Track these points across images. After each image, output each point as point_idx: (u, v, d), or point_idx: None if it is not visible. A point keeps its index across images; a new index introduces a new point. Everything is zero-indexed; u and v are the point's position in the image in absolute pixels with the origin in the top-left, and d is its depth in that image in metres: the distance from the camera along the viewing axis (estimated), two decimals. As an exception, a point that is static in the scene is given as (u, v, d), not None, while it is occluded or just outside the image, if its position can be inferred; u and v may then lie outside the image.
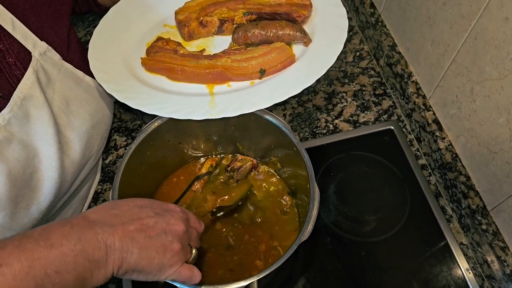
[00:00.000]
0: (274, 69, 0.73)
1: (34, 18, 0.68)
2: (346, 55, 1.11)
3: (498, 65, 0.69)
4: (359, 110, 1.02)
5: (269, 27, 0.77)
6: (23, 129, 0.64)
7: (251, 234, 0.79)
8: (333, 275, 0.82)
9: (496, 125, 0.73)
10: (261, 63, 0.73)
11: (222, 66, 0.73)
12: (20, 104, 0.64)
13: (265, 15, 0.80)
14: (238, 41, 0.78)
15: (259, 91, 0.72)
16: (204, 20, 0.80)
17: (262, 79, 0.74)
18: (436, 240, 0.85)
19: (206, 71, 0.73)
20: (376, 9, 1.08)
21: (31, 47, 0.67)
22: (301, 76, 0.72)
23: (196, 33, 0.81)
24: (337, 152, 0.96)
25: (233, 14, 0.80)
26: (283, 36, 0.76)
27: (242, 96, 0.71)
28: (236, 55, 0.74)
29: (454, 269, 0.82)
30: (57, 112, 0.70)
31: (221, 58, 0.74)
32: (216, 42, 0.83)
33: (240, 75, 0.73)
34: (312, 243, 0.84)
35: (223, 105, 0.70)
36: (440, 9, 0.81)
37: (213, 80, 0.73)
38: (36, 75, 0.66)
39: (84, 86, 0.76)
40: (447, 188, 0.88)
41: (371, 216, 0.88)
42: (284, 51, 0.73)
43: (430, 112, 0.92)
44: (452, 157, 0.86)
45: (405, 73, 0.97)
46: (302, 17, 0.78)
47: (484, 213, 0.80)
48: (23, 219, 0.65)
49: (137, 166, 0.76)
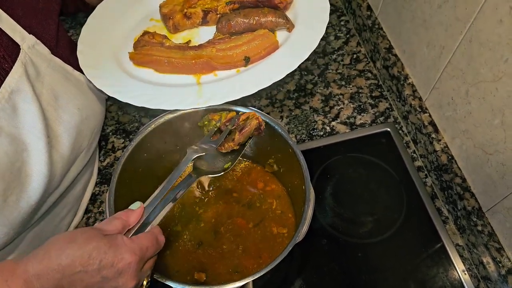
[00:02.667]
0: (258, 56, 0.74)
1: (22, 13, 0.69)
2: (343, 57, 1.12)
3: (493, 67, 0.70)
4: (355, 112, 1.02)
5: (252, 15, 0.78)
6: (11, 122, 0.64)
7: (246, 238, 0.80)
8: (329, 276, 0.82)
9: (491, 127, 0.74)
10: (245, 51, 0.74)
11: (207, 56, 0.74)
12: (8, 98, 0.64)
13: (248, 3, 0.81)
14: (222, 31, 0.79)
15: (244, 78, 0.73)
16: (188, 12, 0.81)
17: (247, 66, 0.75)
18: (432, 242, 0.85)
19: (192, 61, 0.74)
20: (373, 12, 1.08)
21: (19, 39, 0.67)
22: (285, 61, 0.73)
23: (181, 25, 0.82)
24: (334, 154, 0.96)
25: (216, 4, 0.82)
26: (266, 23, 0.77)
27: (228, 84, 0.73)
28: (220, 44, 0.75)
29: (450, 270, 0.82)
30: (46, 106, 0.70)
31: (206, 48, 0.76)
32: (201, 33, 0.84)
33: (226, 63, 0.74)
34: (309, 244, 0.84)
35: (210, 93, 0.72)
36: (436, 12, 0.82)
37: (200, 70, 0.75)
38: (25, 68, 0.66)
39: (73, 81, 0.76)
40: (443, 190, 0.88)
41: (367, 217, 0.88)
42: (267, 38, 0.75)
43: (426, 114, 0.92)
44: (448, 159, 0.87)
45: (401, 76, 0.97)
46: (284, 3, 0.80)
47: (480, 215, 0.80)
48: (12, 213, 0.64)
49: (134, 167, 0.76)
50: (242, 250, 0.78)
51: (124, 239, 0.53)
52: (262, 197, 0.84)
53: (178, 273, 0.76)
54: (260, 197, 0.84)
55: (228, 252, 0.78)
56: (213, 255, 0.78)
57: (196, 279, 0.75)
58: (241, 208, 0.83)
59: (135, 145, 0.74)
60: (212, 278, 0.75)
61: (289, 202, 0.83)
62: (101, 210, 0.92)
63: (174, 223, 0.81)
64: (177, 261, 0.77)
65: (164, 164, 0.85)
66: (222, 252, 0.78)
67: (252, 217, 0.82)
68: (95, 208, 0.92)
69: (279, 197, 0.84)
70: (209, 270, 0.76)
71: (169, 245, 0.78)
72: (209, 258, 0.77)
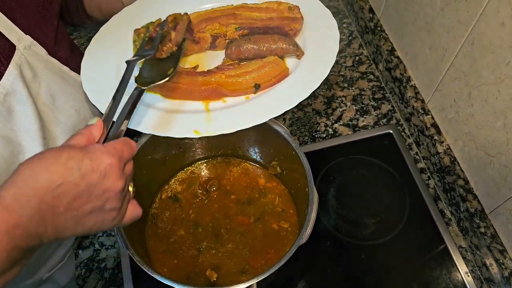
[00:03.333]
0: (268, 83, 0.73)
1: (20, 15, 0.68)
2: (345, 59, 1.12)
3: (495, 70, 0.70)
4: (358, 114, 1.03)
5: (262, 42, 0.77)
6: (6, 125, 0.64)
7: (251, 238, 0.80)
8: (333, 278, 0.82)
9: (493, 129, 0.74)
10: (255, 78, 0.73)
11: (216, 82, 0.72)
12: (3, 100, 0.63)
13: (257, 29, 0.80)
14: (231, 56, 0.78)
15: (255, 106, 0.71)
16: (197, 36, 0.80)
17: (257, 93, 0.74)
18: (435, 243, 0.85)
19: (201, 88, 0.72)
20: (375, 14, 1.09)
21: (15, 40, 0.66)
22: (295, 89, 0.71)
23: (189, 49, 0.81)
24: (337, 156, 0.96)
25: (225, 30, 0.80)
26: (276, 50, 0.76)
27: (238, 112, 0.71)
28: (230, 71, 0.74)
29: (453, 272, 0.82)
30: (42, 107, 0.69)
31: (215, 74, 0.73)
32: (209, 58, 0.82)
33: (235, 90, 0.72)
34: (312, 246, 0.85)
35: (219, 122, 0.70)
36: (438, 14, 0.82)
37: (208, 96, 0.73)
38: (20, 69, 0.66)
39: (71, 82, 0.75)
40: (446, 192, 0.88)
41: (370, 219, 0.88)
42: (277, 65, 0.73)
43: (428, 116, 0.92)
44: (450, 160, 0.87)
45: (403, 78, 0.98)
46: (294, 30, 0.79)
47: (483, 216, 0.80)
48: None
49: (137, 170, 0.75)
50: (248, 248, 0.78)
51: (95, 145, 0.50)
52: (263, 192, 0.85)
53: (189, 280, 0.76)
54: (261, 192, 0.85)
55: (234, 250, 0.78)
56: (219, 255, 0.78)
57: (207, 276, 0.76)
58: (242, 206, 0.83)
59: (139, 147, 0.75)
60: (222, 277, 0.76)
61: (291, 201, 0.83)
62: (105, 212, 0.92)
63: (177, 227, 0.82)
64: (185, 264, 0.78)
65: (167, 167, 0.86)
66: (228, 251, 0.78)
67: (253, 211, 0.82)
68: (99, 210, 0.93)
69: (281, 196, 0.84)
70: (219, 269, 0.77)
71: (174, 251, 0.79)
72: (217, 258, 0.78)
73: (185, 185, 0.87)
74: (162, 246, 0.79)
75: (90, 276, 0.85)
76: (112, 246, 0.88)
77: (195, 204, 0.84)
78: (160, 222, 0.82)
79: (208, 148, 0.87)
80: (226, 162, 0.89)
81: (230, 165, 0.89)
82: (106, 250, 0.88)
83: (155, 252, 0.79)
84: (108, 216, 0.50)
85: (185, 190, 0.86)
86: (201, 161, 0.89)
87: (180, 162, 0.88)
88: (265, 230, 0.81)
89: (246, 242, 0.79)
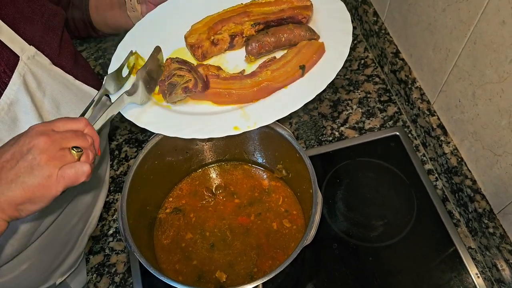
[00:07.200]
0: (311, 61, 0.75)
1: (23, 26, 0.70)
2: (351, 63, 1.13)
3: (498, 68, 0.70)
4: (364, 117, 1.03)
5: (279, 33, 0.79)
6: (11, 134, 0.64)
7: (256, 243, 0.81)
8: (341, 281, 0.82)
9: (498, 128, 0.73)
10: (298, 61, 0.75)
11: (266, 80, 0.75)
12: (7, 110, 0.65)
13: (272, 22, 0.82)
14: (253, 52, 0.80)
15: (285, 95, 0.74)
16: (215, 38, 0.82)
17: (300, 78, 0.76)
18: (444, 245, 0.85)
19: (253, 89, 0.75)
20: (379, 17, 1.09)
21: (19, 50, 0.67)
22: (323, 71, 0.74)
23: (209, 52, 0.83)
24: (344, 159, 0.96)
25: (241, 28, 0.83)
26: (294, 38, 0.79)
27: (272, 103, 0.74)
28: (272, 66, 0.77)
29: (464, 274, 0.81)
30: (47, 115, 0.71)
31: (260, 73, 0.76)
32: (228, 58, 0.84)
33: (285, 80, 0.75)
34: (320, 248, 0.85)
35: (256, 115, 0.72)
36: (440, 15, 0.82)
37: (260, 95, 0.75)
38: (23, 79, 0.67)
39: (75, 90, 0.77)
40: (454, 192, 0.88)
41: (378, 221, 0.88)
42: (312, 45, 0.76)
43: (434, 117, 0.92)
44: (457, 161, 0.86)
45: (409, 79, 0.98)
46: (307, 17, 0.81)
47: (491, 216, 0.79)
48: (14, 223, 0.65)
49: (145, 175, 0.78)
50: (256, 250, 0.79)
51: (35, 125, 0.55)
52: (267, 192, 0.86)
53: (198, 282, 0.77)
54: (265, 191, 0.86)
55: (242, 251, 0.79)
56: (226, 257, 0.79)
57: (217, 277, 0.76)
58: (247, 208, 0.84)
59: (146, 152, 0.76)
60: (231, 279, 0.76)
61: (296, 203, 0.84)
62: (115, 218, 0.94)
63: (184, 231, 0.83)
64: (193, 267, 0.78)
65: (174, 171, 0.87)
66: (235, 252, 0.79)
67: (254, 209, 0.83)
68: (109, 216, 0.95)
69: (286, 197, 0.85)
70: (228, 271, 0.77)
71: (182, 254, 0.80)
72: (225, 260, 0.79)
73: (192, 190, 0.88)
74: (170, 250, 0.80)
75: (101, 280, 0.87)
76: (122, 251, 0.90)
77: (202, 208, 0.85)
78: (167, 226, 0.83)
79: (214, 152, 0.89)
80: (233, 166, 0.90)
81: (237, 169, 0.90)
82: (117, 255, 0.89)
83: (163, 255, 0.80)
84: (34, 162, 0.52)
85: (192, 194, 0.87)
86: (208, 166, 0.90)
87: (187, 167, 0.89)
88: (266, 227, 0.81)
89: (251, 243, 0.80)
